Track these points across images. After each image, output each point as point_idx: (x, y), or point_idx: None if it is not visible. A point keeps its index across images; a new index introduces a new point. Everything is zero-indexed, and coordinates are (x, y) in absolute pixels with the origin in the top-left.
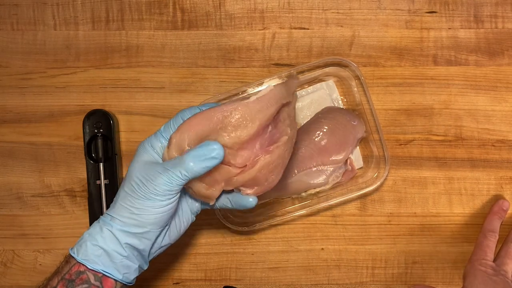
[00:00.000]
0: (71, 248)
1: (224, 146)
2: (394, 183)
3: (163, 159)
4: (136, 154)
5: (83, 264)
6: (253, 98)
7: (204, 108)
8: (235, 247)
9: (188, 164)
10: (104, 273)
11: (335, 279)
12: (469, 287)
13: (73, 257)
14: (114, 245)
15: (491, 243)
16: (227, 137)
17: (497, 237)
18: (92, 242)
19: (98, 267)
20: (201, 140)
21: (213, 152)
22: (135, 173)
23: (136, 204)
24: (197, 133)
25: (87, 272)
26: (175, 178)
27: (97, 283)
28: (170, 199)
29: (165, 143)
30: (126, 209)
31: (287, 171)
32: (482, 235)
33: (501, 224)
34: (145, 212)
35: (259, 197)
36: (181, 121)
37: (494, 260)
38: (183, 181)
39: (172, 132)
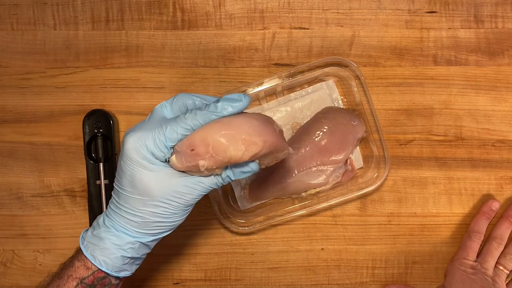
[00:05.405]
0: (90, 254)
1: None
2: (394, 183)
3: (180, 169)
4: (140, 166)
5: (105, 272)
6: None
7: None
8: (235, 247)
9: (229, 176)
10: (127, 275)
11: (335, 279)
12: (447, 286)
13: (96, 266)
14: (138, 254)
15: (475, 244)
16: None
17: (482, 237)
18: (120, 254)
19: (126, 273)
20: None
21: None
22: (160, 194)
23: (167, 219)
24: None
25: (110, 277)
26: (214, 186)
27: (117, 282)
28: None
29: (166, 151)
30: (156, 225)
31: (287, 171)
32: (467, 235)
33: (489, 224)
34: (173, 222)
35: (259, 198)
36: (188, 128)
37: (477, 258)
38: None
39: (175, 141)
